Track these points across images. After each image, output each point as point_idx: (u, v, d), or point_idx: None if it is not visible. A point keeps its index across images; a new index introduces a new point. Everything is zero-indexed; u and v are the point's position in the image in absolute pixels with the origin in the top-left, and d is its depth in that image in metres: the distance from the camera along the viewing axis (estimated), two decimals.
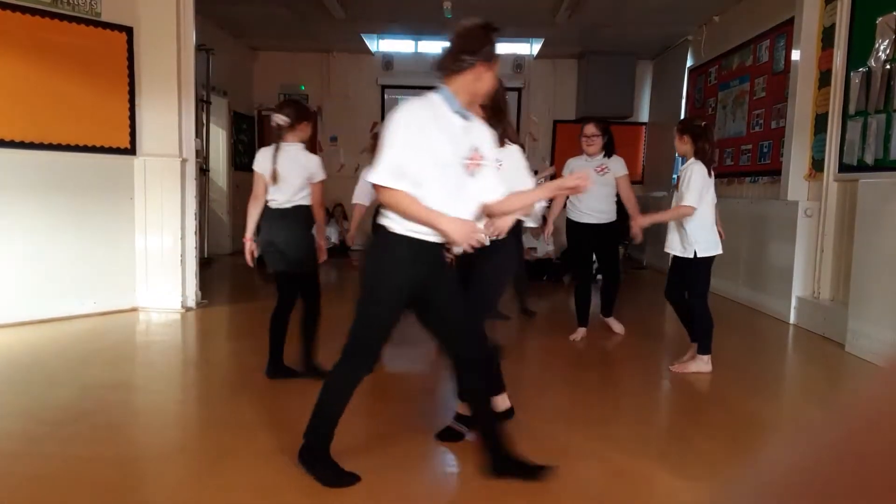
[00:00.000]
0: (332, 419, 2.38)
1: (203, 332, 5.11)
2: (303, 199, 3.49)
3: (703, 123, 3.89)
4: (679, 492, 2.48)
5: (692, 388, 3.78)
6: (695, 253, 3.77)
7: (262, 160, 3.47)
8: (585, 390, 3.64)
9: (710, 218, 3.83)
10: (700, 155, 3.80)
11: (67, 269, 5.07)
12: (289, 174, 3.43)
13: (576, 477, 2.52)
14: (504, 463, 2.44)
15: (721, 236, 3.90)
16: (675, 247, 3.88)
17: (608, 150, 4.56)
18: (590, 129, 4.52)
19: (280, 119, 3.45)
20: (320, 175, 3.53)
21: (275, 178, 3.40)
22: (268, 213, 3.51)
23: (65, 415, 3.07)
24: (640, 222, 3.97)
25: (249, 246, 3.55)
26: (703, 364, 3.92)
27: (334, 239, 9.52)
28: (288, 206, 3.47)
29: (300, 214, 3.50)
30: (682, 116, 8.80)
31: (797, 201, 5.48)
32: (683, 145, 3.85)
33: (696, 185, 3.71)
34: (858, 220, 4.54)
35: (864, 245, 4.43)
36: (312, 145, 10.66)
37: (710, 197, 3.81)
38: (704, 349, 3.91)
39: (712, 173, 3.84)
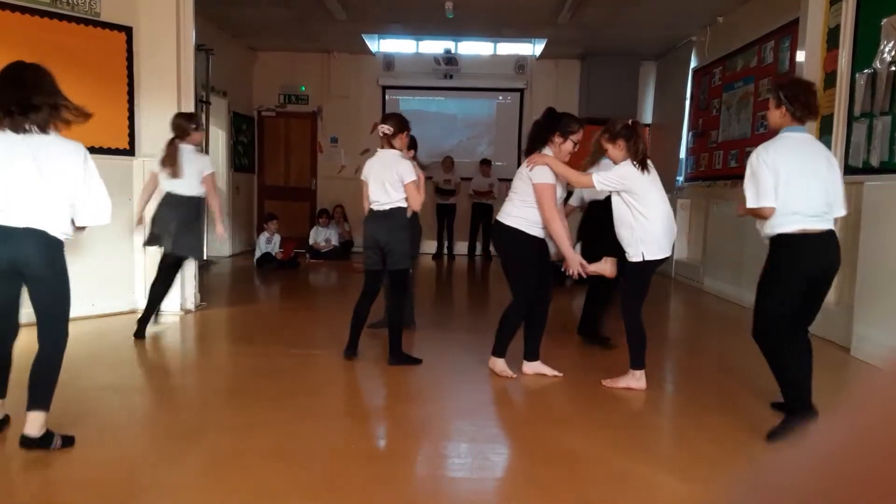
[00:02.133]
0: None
1: (202, 334, 5.08)
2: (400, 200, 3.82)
3: (631, 122, 3.64)
4: (682, 495, 2.45)
5: (695, 391, 3.74)
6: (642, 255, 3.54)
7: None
8: (587, 394, 3.60)
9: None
10: (633, 156, 3.57)
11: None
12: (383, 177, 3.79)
13: (579, 480, 2.48)
14: None
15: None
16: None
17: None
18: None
19: (384, 128, 3.85)
20: (410, 176, 3.81)
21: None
22: (371, 213, 3.87)
23: (63, 417, 3.04)
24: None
25: None
26: (633, 380, 3.61)
27: (335, 241, 9.46)
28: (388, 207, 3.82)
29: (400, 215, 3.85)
30: (686, 119, 8.76)
31: None
32: (618, 151, 3.60)
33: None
34: (864, 222, 4.49)
35: (870, 248, 4.39)
36: (313, 145, 10.73)
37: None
38: (636, 363, 3.63)
39: (651, 169, 3.67)
